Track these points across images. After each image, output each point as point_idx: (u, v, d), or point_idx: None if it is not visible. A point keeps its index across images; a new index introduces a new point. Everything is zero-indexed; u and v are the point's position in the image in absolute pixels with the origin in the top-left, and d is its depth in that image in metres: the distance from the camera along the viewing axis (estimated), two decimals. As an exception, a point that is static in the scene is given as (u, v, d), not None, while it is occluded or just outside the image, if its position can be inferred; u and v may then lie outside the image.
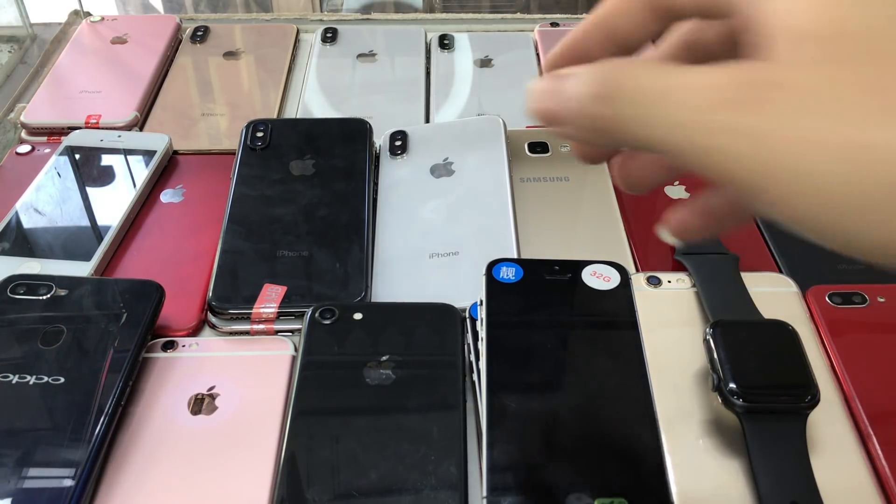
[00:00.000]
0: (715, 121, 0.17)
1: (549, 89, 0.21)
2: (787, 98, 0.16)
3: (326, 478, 0.34)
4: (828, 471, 0.35)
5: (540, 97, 0.21)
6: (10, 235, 0.48)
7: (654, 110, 0.18)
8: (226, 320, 0.44)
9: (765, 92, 0.17)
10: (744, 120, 0.17)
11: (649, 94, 0.18)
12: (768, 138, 0.17)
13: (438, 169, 0.52)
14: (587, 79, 0.20)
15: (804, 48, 0.17)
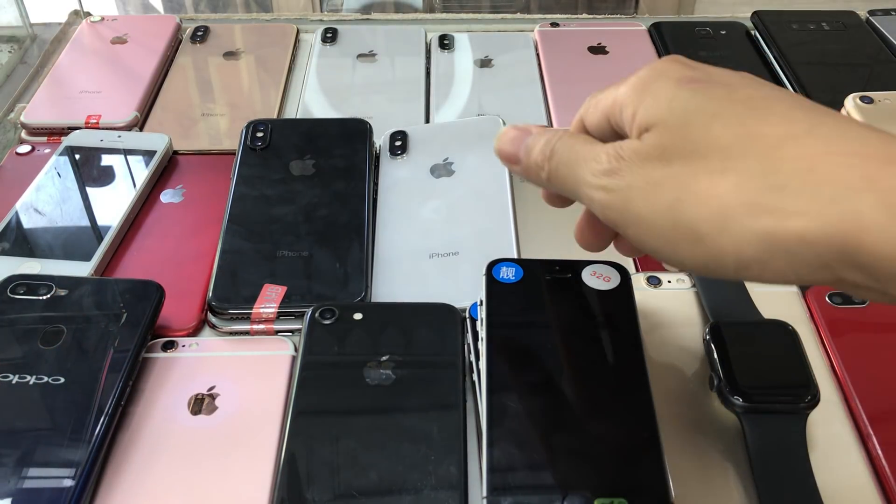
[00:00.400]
0: (599, 183, 0.27)
1: (514, 137, 0.32)
2: (627, 167, 0.26)
3: (326, 478, 0.34)
4: (828, 471, 0.35)
5: (506, 142, 0.32)
6: (10, 235, 0.48)
7: (573, 171, 0.29)
8: (226, 320, 0.44)
9: (617, 162, 0.27)
10: (606, 182, 0.27)
11: (570, 160, 0.29)
12: (621, 196, 0.27)
13: (438, 169, 0.52)
14: (539, 139, 0.30)
15: (643, 139, 0.27)
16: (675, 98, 0.26)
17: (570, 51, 0.67)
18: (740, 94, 0.26)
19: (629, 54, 0.67)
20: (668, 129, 0.26)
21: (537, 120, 0.60)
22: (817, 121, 0.24)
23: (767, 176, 0.23)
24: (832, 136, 0.23)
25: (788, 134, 0.24)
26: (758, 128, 0.24)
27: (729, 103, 0.25)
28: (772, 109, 0.25)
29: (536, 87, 0.63)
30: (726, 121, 0.25)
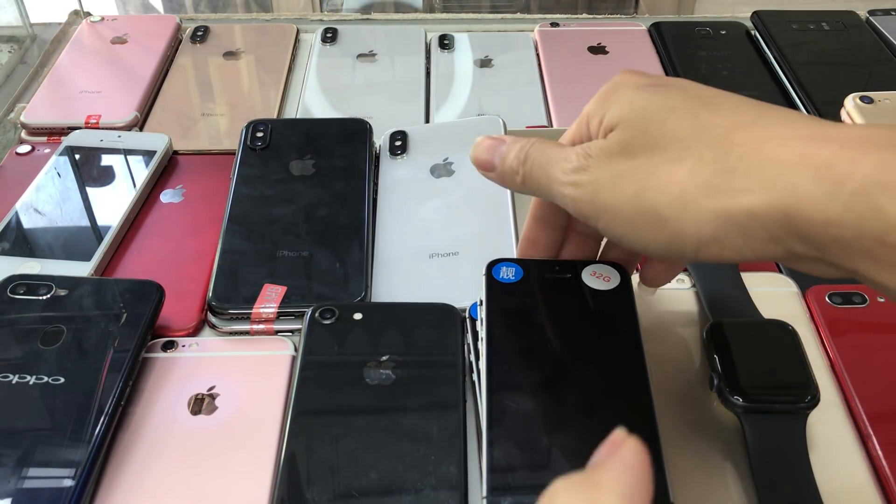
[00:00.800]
0: (569, 179, 0.30)
1: (489, 146, 0.34)
2: (595, 163, 0.29)
3: (326, 478, 0.34)
4: (828, 471, 0.35)
5: (482, 150, 0.34)
6: (10, 235, 0.48)
7: (545, 172, 0.31)
8: (226, 320, 0.44)
9: (586, 160, 0.30)
10: (576, 178, 0.30)
11: (543, 162, 0.31)
12: (590, 189, 0.29)
13: (438, 169, 0.52)
14: (514, 146, 0.33)
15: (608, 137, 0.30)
16: (635, 99, 0.29)
17: (570, 51, 0.67)
18: (692, 93, 0.29)
19: (629, 54, 0.67)
20: (629, 126, 0.29)
21: (537, 120, 0.60)
22: (762, 112, 0.27)
23: (719, 161, 0.26)
24: (775, 123, 0.26)
25: (737, 123, 0.27)
26: (709, 119, 0.27)
27: (683, 100, 0.28)
28: (721, 104, 0.28)
29: (536, 87, 0.63)
30: (681, 115, 0.28)
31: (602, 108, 0.30)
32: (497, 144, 0.34)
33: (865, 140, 0.24)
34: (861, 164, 0.23)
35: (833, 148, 0.24)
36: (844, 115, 0.55)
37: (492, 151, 0.34)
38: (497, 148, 0.34)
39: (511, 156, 0.33)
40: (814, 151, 0.24)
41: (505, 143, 0.34)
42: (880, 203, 0.23)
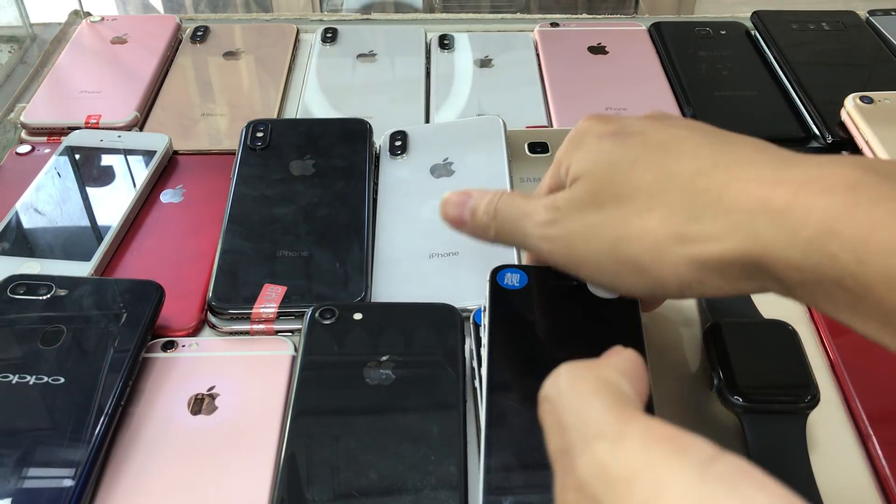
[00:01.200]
0: (541, 234, 0.31)
1: (457, 202, 0.35)
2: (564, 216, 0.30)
3: (326, 478, 0.34)
4: (828, 471, 0.35)
5: (451, 207, 0.35)
6: (10, 235, 0.48)
7: (517, 226, 0.32)
8: (226, 320, 0.44)
9: (555, 213, 0.30)
10: (548, 231, 0.31)
11: (513, 216, 0.33)
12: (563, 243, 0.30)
13: (438, 169, 0.52)
14: (482, 200, 0.34)
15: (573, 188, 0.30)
16: (600, 150, 0.30)
17: (570, 51, 0.67)
18: (654, 140, 0.29)
19: (629, 54, 0.67)
20: (595, 177, 0.29)
21: (537, 120, 0.60)
22: (721, 153, 0.28)
23: (686, 209, 0.27)
24: (734, 165, 0.27)
25: (698, 169, 0.27)
26: (672, 167, 0.28)
27: (644, 150, 0.29)
28: (682, 150, 0.28)
29: (536, 87, 0.63)
30: (645, 164, 0.28)
31: (570, 155, 0.31)
32: (464, 199, 0.35)
33: (819, 181, 0.25)
34: (813, 210, 0.24)
35: (788, 192, 0.25)
36: (844, 115, 0.55)
37: (460, 207, 0.35)
38: (465, 203, 0.34)
39: (480, 211, 0.34)
40: (770, 196, 0.25)
41: (472, 197, 0.34)
42: (833, 250, 0.23)
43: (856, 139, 0.54)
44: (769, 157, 0.27)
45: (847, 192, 0.24)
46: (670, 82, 0.64)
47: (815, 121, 0.58)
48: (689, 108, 0.60)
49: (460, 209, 0.35)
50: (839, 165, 0.25)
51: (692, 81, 0.63)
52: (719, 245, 0.26)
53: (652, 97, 0.62)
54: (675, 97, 0.62)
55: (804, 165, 0.26)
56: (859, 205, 0.23)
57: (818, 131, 0.58)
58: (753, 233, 0.25)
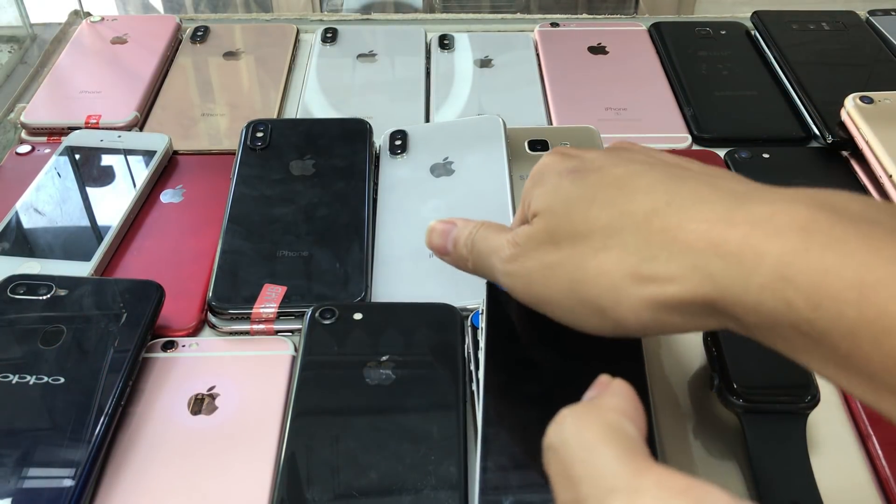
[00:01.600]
0: (505, 269, 0.31)
1: (441, 231, 0.35)
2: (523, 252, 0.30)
3: (326, 478, 0.34)
4: (828, 471, 0.35)
5: (436, 237, 0.35)
6: (10, 235, 0.48)
7: (487, 261, 0.32)
8: (226, 320, 0.44)
9: (515, 248, 0.31)
10: (508, 267, 0.31)
11: (485, 250, 0.33)
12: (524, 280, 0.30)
13: (438, 168, 0.53)
14: (463, 232, 0.34)
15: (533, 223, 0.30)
16: (559, 188, 0.30)
17: (570, 51, 0.67)
18: (610, 177, 0.29)
19: (629, 54, 0.67)
20: (554, 214, 0.30)
21: (537, 120, 0.60)
22: (675, 192, 0.27)
23: (641, 249, 0.27)
24: (687, 203, 0.27)
25: (652, 209, 0.27)
26: (627, 206, 0.28)
27: (601, 188, 0.29)
28: (637, 187, 0.28)
29: (536, 87, 0.63)
30: (601, 204, 0.28)
31: (531, 191, 0.32)
32: (448, 229, 0.35)
33: (771, 221, 0.24)
34: (766, 255, 0.24)
35: (740, 234, 0.24)
36: (844, 115, 0.55)
37: (444, 236, 0.35)
38: (449, 233, 0.35)
39: (461, 243, 0.34)
40: (722, 238, 0.25)
41: (455, 226, 0.35)
42: (788, 297, 0.23)
43: (856, 139, 0.54)
44: (723, 193, 0.27)
45: (798, 235, 0.24)
46: (670, 82, 0.64)
47: (815, 121, 0.58)
48: (689, 108, 0.60)
49: (444, 239, 0.35)
50: (791, 203, 0.25)
51: (692, 81, 0.63)
52: (676, 287, 0.26)
53: (652, 97, 0.62)
54: (675, 97, 0.62)
55: (757, 204, 0.25)
56: (810, 249, 0.23)
57: (818, 131, 0.58)
58: (709, 275, 0.25)
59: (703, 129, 0.59)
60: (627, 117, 0.60)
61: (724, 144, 0.58)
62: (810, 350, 0.24)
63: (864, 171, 0.54)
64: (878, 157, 0.52)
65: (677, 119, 0.60)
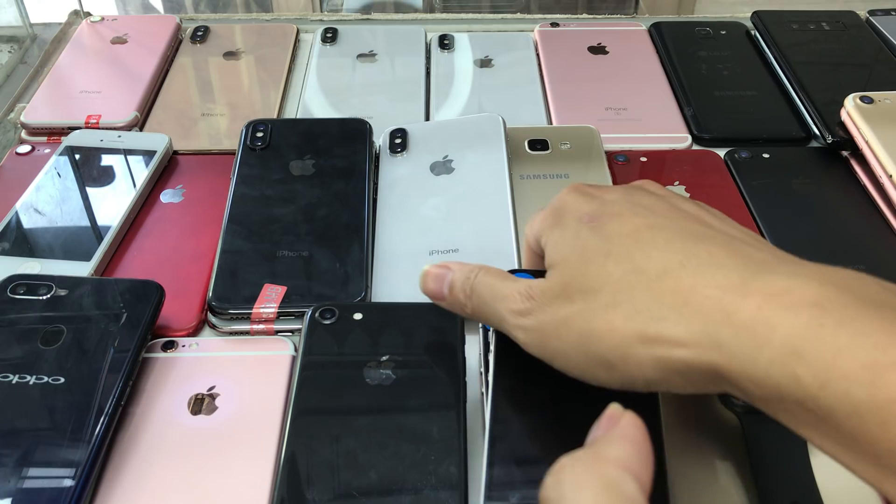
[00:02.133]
0: (517, 323, 0.30)
1: (436, 275, 0.34)
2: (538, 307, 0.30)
3: (326, 478, 0.34)
4: (828, 471, 0.35)
5: (430, 281, 0.34)
6: (10, 235, 0.48)
7: (493, 308, 0.31)
8: (226, 320, 0.44)
9: (529, 302, 0.30)
10: (522, 322, 0.30)
11: (488, 297, 0.32)
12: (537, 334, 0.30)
13: (438, 166, 0.53)
14: (459, 276, 0.33)
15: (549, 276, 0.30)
16: (577, 237, 0.30)
17: (570, 51, 0.67)
18: (628, 228, 0.29)
19: (629, 54, 0.67)
20: (569, 266, 0.29)
21: (537, 120, 0.60)
22: (691, 252, 0.27)
23: (651, 308, 0.26)
24: (701, 268, 0.27)
25: (665, 268, 0.27)
26: (642, 263, 0.28)
27: (618, 240, 0.29)
28: (654, 243, 0.28)
29: (536, 87, 0.63)
30: (617, 258, 0.28)
31: (549, 231, 0.31)
32: (444, 273, 0.34)
33: (785, 295, 0.24)
34: (778, 328, 0.23)
35: (753, 305, 0.24)
36: (844, 115, 0.55)
37: (439, 281, 0.34)
38: (444, 277, 0.34)
39: (457, 287, 0.33)
40: (735, 307, 0.25)
41: (451, 270, 0.34)
42: (797, 373, 0.23)
43: (856, 139, 0.54)
44: (740, 259, 0.27)
45: (812, 311, 0.23)
46: (670, 82, 0.64)
47: (815, 121, 0.58)
48: (689, 108, 0.60)
49: (439, 284, 0.34)
50: (807, 279, 0.24)
51: (692, 81, 0.63)
52: (683, 351, 0.25)
53: (652, 97, 0.62)
54: (675, 97, 0.62)
55: (773, 275, 0.25)
56: (824, 326, 0.23)
57: (818, 131, 0.58)
58: (717, 343, 0.25)
59: (703, 128, 0.59)
60: (627, 117, 0.60)
61: (723, 144, 0.58)
62: (814, 426, 0.23)
63: (864, 171, 0.54)
64: (878, 157, 0.52)
65: (677, 119, 0.60)
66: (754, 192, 0.53)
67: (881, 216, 0.51)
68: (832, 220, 0.51)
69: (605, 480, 0.23)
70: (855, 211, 0.52)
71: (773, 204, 0.52)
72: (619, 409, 0.26)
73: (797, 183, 0.54)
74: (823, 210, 0.52)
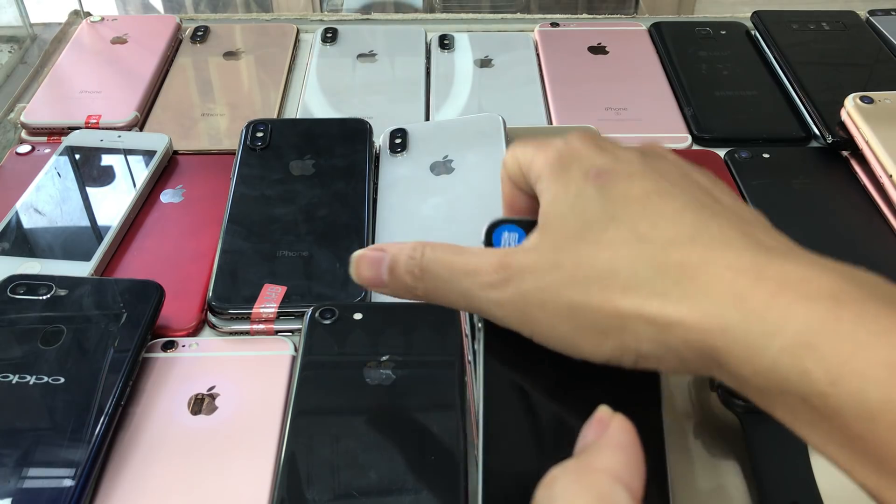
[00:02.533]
0: (490, 297, 0.27)
1: (371, 260, 0.30)
2: (517, 275, 0.26)
3: (326, 478, 0.34)
4: (828, 471, 0.35)
5: (364, 267, 0.30)
6: (10, 235, 0.48)
7: (454, 286, 0.28)
8: (226, 320, 0.44)
9: (504, 272, 0.27)
10: (497, 295, 0.27)
11: (447, 275, 0.28)
12: (517, 306, 0.27)
13: (438, 166, 0.53)
14: (400, 257, 0.29)
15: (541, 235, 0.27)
16: (581, 195, 0.27)
17: (570, 51, 0.67)
18: (637, 191, 0.27)
19: (629, 54, 0.67)
20: (566, 229, 0.27)
21: (537, 120, 0.60)
22: (702, 227, 0.25)
23: (654, 282, 0.25)
24: (713, 245, 0.25)
25: (673, 240, 0.25)
26: (648, 231, 0.25)
27: (626, 203, 0.26)
28: (663, 211, 0.26)
29: (536, 87, 0.63)
30: (620, 223, 0.26)
31: (552, 179, 0.28)
32: (379, 256, 0.30)
33: (802, 285, 0.23)
34: (792, 318, 0.22)
35: (767, 291, 0.23)
36: (844, 115, 0.55)
37: (375, 266, 0.30)
38: (381, 261, 0.30)
39: (401, 268, 0.29)
40: (747, 292, 0.23)
41: (386, 252, 0.30)
42: (807, 366, 0.22)
43: (856, 139, 0.54)
44: (751, 242, 0.25)
45: (828, 304, 0.22)
46: (670, 82, 0.63)
47: (815, 121, 0.58)
48: (689, 108, 0.60)
49: (375, 269, 0.30)
50: (823, 270, 0.23)
51: (692, 81, 0.63)
52: (683, 330, 0.24)
53: (652, 97, 0.62)
54: (675, 97, 0.62)
55: (788, 263, 0.24)
56: (841, 320, 0.22)
57: (818, 131, 0.58)
58: (721, 326, 0.23)
59: (703, 128, 0.59)
60: (627, 117, 0.60)
61: (724, 144, 0.58)
62: (815, 424, 0.22)
63: (864, 171, 0.54)
64: (878, 157, 0.52)
65: (677, 119, 0.60)
66: (754, 192, 0.53)
67: (881, 216, 0.51)
68: (832, 220, 0.51)
69: (596, 493, 0.22)
70: (855, 211, 0.52)
71: (773, 204, 0.52)
72: (607, 412, 0.25)
73: (797, 183, 0.54)
74: (823, 210, 0.52)
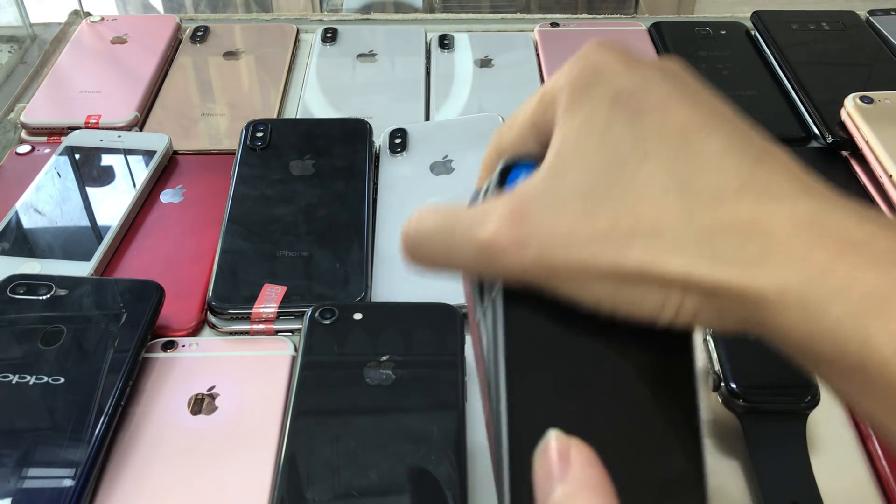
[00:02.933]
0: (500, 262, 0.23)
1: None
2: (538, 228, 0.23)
3: (326, 478, 0.34)
4: (828, 471, 0.35)
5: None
6: (10, 235, 0.48)
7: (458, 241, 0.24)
8: (226, 320, 0.44)
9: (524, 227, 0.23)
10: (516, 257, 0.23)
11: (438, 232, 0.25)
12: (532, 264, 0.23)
13: (438, 166, 0.53)
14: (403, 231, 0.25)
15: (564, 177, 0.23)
16: (608, 131, 0.23)
17: (570, 51, 0.66)
18: (672, 125, 0.23)
19: (629, 54, 0.67)
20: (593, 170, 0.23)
21: (537, 120, 0.60)
22: (748, 174, 0.22)
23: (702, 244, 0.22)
24: (762, 195, 0.22)
25: (720, 190, 0.22)
26: (688, 176, 0.22)
27: (660, 139, 0.23)
28: (704, 151, 0.23)
29: (536, 87, 0.63)
30: (655, 164, 0.22)
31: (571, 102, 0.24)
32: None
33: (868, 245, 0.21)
34: (860, 281, 0.20)
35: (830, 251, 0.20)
36: (844, 115, 0.55)
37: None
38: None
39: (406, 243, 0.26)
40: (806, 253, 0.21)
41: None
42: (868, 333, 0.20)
43: (856, 139, 0.54)
44: (799, 188, 0.22)
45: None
46: (670, 82, 0.63)
47: (815, 121, 0.58)
48: (689, 108, 0.60)
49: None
50: (887, 228, 0.21)
51: (692, 81, 0.63)
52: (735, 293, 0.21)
53: (652, 97, 0.62)
54: (675, 97, 0.62)
55: (847, 218, 0.21)
56: None
57: (818, 131, 0.58)
58: (778, 291, 0.20)
59: (703, 129, 0.58)
60: (627, 117, 0.60)
61: (724, 144, 0.58)
62: (869, 394, 0.20)
63: (864, 171, 0.54)
64: (878, 157, 0.52)
65: (677, 119, 0.60)
66: (754, 192, 0.53)
67: (881, 216, 0.51)
68: (832, 220, 0.51)
69: None
70: (855, 211, 0.52)
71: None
72: (563, 439, 0.22)
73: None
74: (823, 210, 0.52)
